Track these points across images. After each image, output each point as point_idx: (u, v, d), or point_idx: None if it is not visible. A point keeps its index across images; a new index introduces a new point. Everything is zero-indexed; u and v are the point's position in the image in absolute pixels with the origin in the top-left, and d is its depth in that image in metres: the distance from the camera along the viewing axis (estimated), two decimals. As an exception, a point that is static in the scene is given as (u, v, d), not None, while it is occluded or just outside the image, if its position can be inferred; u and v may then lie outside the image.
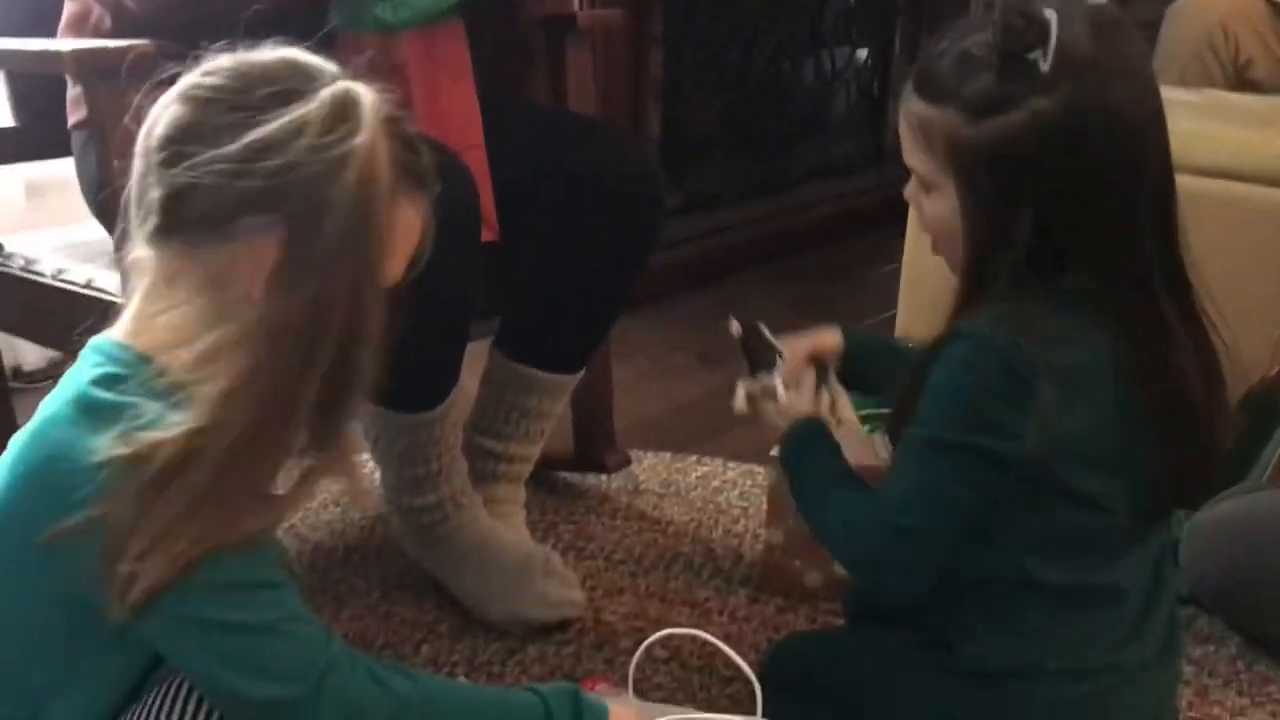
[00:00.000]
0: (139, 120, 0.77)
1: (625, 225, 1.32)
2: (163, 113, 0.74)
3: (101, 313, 0.80)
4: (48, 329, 1.33)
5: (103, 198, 1.14)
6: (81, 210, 1.37)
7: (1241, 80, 2.35)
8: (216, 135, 0.71)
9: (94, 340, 0.78)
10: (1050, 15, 0.85)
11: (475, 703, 0.85)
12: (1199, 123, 1.73)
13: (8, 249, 1.36)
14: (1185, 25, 2.35)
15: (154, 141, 0.74)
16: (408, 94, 1.23)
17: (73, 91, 1.29)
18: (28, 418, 0.78)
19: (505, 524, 1.37)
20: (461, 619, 1.30)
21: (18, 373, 1.87)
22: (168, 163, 0.72)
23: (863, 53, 3.13)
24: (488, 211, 1.25)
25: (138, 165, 0.75)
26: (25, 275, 1.30)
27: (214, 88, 0.73)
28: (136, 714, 0.78)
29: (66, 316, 1.25)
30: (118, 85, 1.05)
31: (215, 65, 0.74)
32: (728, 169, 2.75)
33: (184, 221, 0.72)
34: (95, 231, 1.35)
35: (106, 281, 1.21)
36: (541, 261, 1.32)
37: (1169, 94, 1.93)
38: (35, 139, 1.44)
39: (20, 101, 1.46)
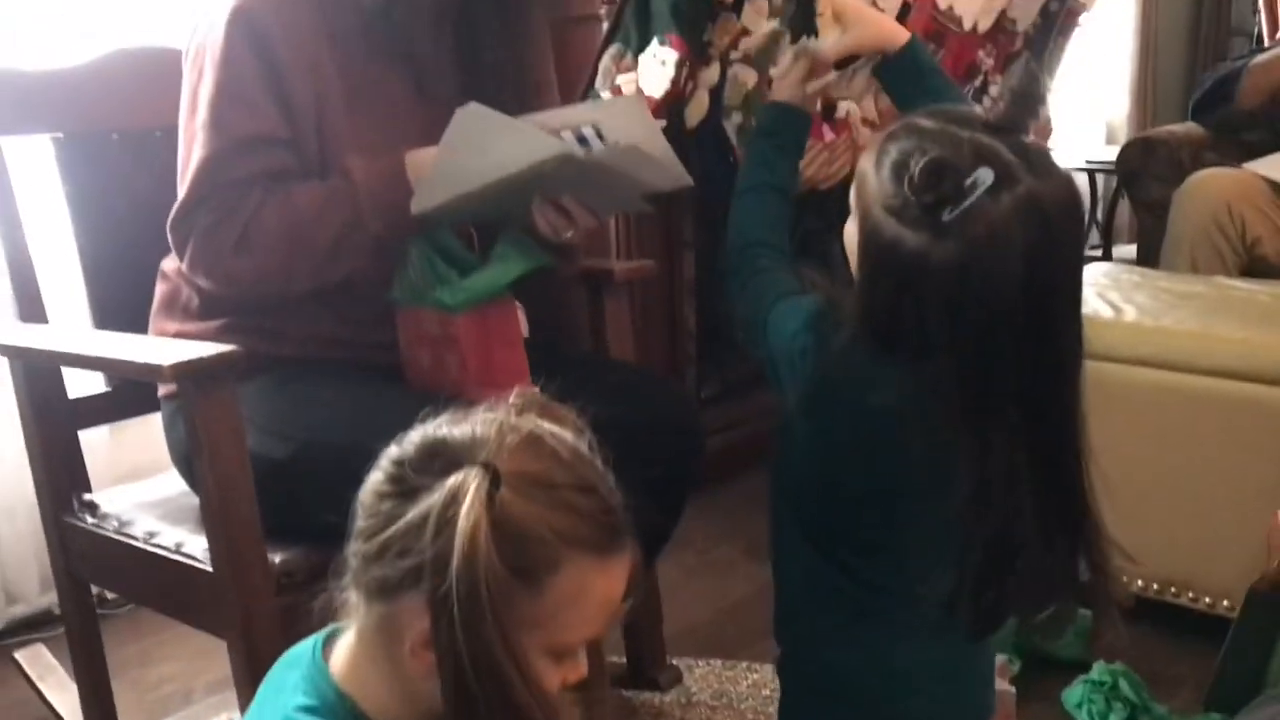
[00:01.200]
0: None
1: (667, 468, 1.42)
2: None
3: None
4: (141, 589, 1.44)
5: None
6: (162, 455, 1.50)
7: (1251, 257, 2.46)
8: (376, 520, 0.80)
9: (302, 656, 0.88)
10: (983, 178, 0.91)
11: None
12: (1205, 322, 1.83)
13: (102, 508, 1.49)
14: (1193, 208, 2.47)
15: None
16: (462, 362, 1.35)
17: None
18: (115, 643, 0.87)
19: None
20: None
21: (102, 600, 1.99)
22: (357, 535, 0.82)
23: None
24: (538, 461, 1.36)
25: None
26: (119, 538, 1.42)
27: (380, 478, 0.82)
28: None
29: (157, 577, 1.38)
30: (212, 389, 1.19)
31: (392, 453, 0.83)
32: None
33: (367, 584, 0.81)
34: (179, 484, 1.48)
35: (195, 547, 1.33)
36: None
37: (1179, 283, 2.07)
38: (125, 402, 1.58)
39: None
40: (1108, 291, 1.99)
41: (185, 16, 1.60)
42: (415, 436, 0.83)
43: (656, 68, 2.16)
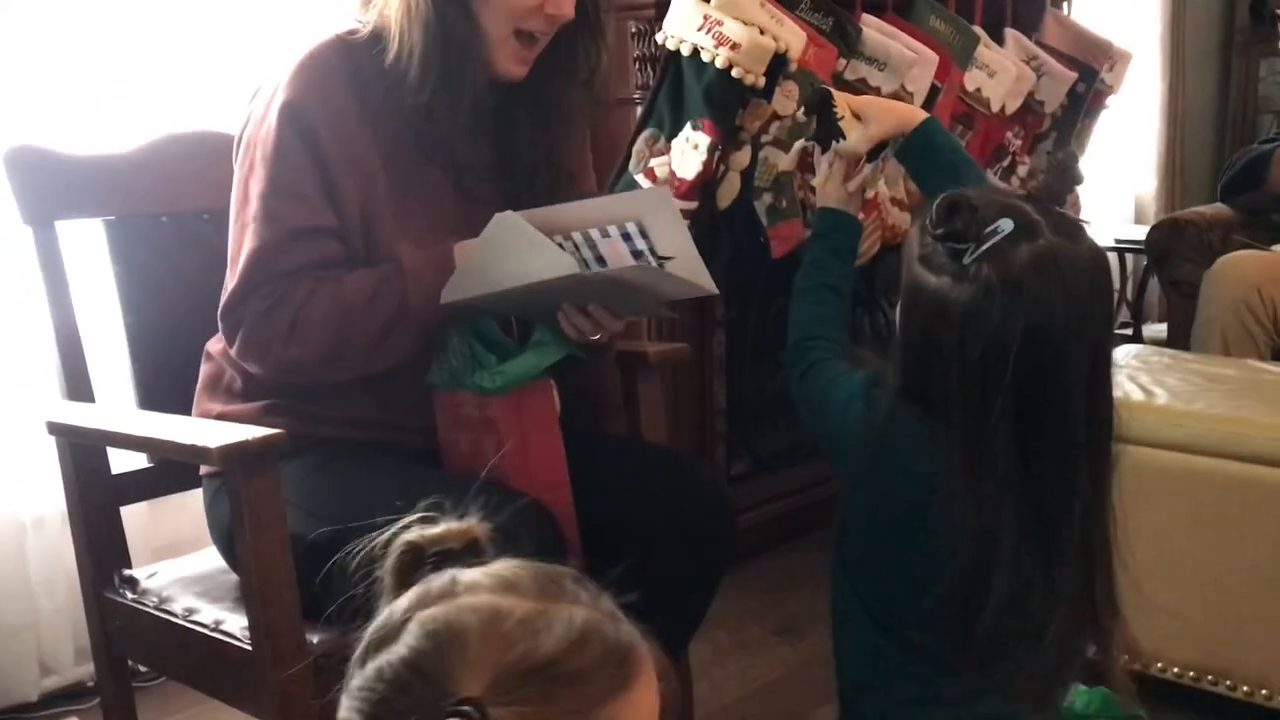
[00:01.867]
0: None
1: (700, 549, 1.43)
2: None
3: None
4: (179, 665, 1.45)
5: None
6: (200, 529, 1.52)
7: (1282, 337, 2.46)
8: None
9: None
10: (1004, 225, 0.97)
11: None
12: (1236, 406, 1.83)
13: (142, 584, 1.51)
14: (1223, 290, 2.48)
15: None
16: (499, 444, 1.37)
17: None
18: (148, 717, 0.82)
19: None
20: None
21: (136, 672, 2.00)
22: None
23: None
24: (573, 542, 1.38)
25: None
26: (158, 614, 1.44)
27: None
28: None
29: (195, 653, 1.39)
30: (256, 471, 1.21)
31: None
32: (793, 429, 2.87)
33: None
34: (217, 560, 1.50)
35: (233, 625, 1.34)
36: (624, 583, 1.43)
37: (1210, 366, 2.07)
38: (167, 478, 1.61)
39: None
40: (1139, 374, 2.00)
41: (234, 103, 1.65)
42: (376, 670, 0.71)
43: (689, 151, 2.21)
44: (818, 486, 2.83)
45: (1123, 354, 2.19)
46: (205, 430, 1.28)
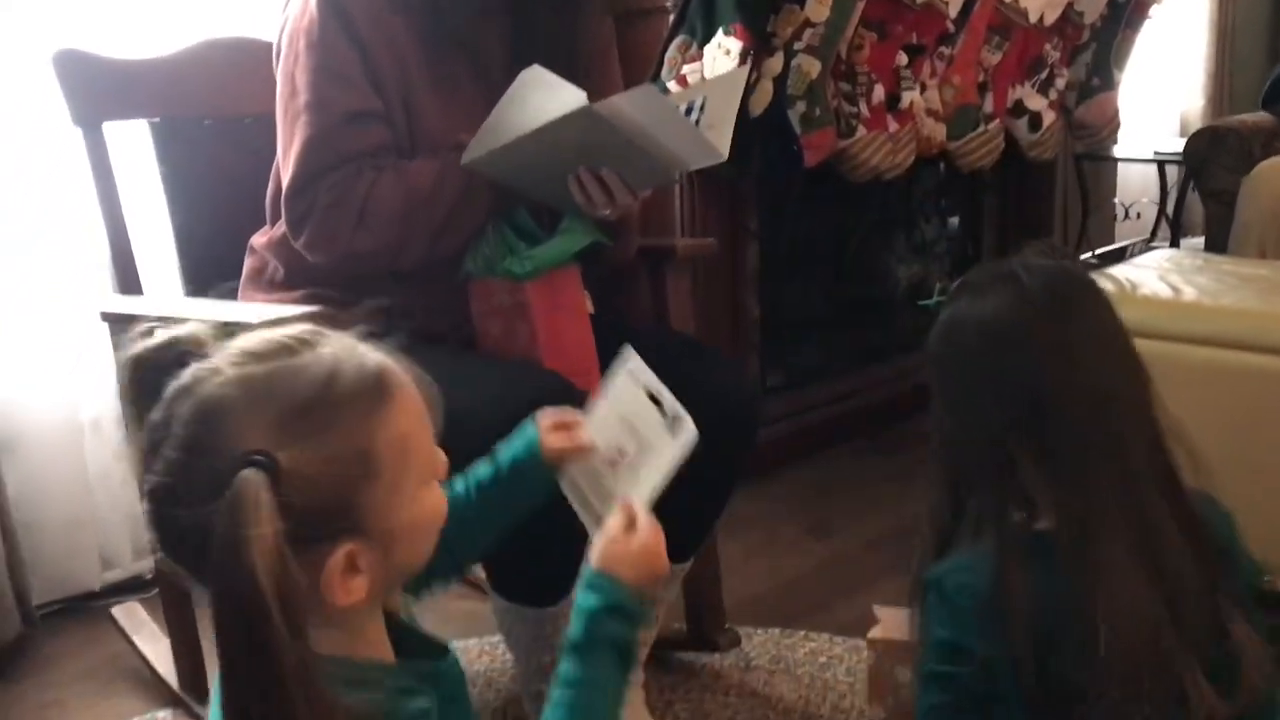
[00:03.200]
0: None
1: (724, 436, 1.46)
2: None
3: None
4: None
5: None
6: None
7: (1321, 240, 2.45)
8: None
9: None
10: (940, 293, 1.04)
11: (568, 696, 0.88)
12: (1267, 302, 1.84)
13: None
14: (1260, 194, 2.46)
15: None
16: (532, 330, 1.42)
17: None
18: (204, 600, 0.85)
19: (625, 708, 1.49)
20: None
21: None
22: None
23: (954, 221, 3.28)
24: (603, 425, 1.42)
25: None
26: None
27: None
28: None
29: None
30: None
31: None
32: (826, 344, 2.90)
33: None
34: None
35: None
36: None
37: (1243, 267, 2.08)
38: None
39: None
40: (1169, 274, 2.00)
41: (271, 7, 1.69)
42: (161, 470, 0.76)
43: (721, 57, 2.22)
44: (849, 399, 2.87)
45: (1155, 257, 2.20)
46: (249, 309, 1.33)
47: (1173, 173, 3.81)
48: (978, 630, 0.97)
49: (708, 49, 2.23)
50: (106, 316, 1.49)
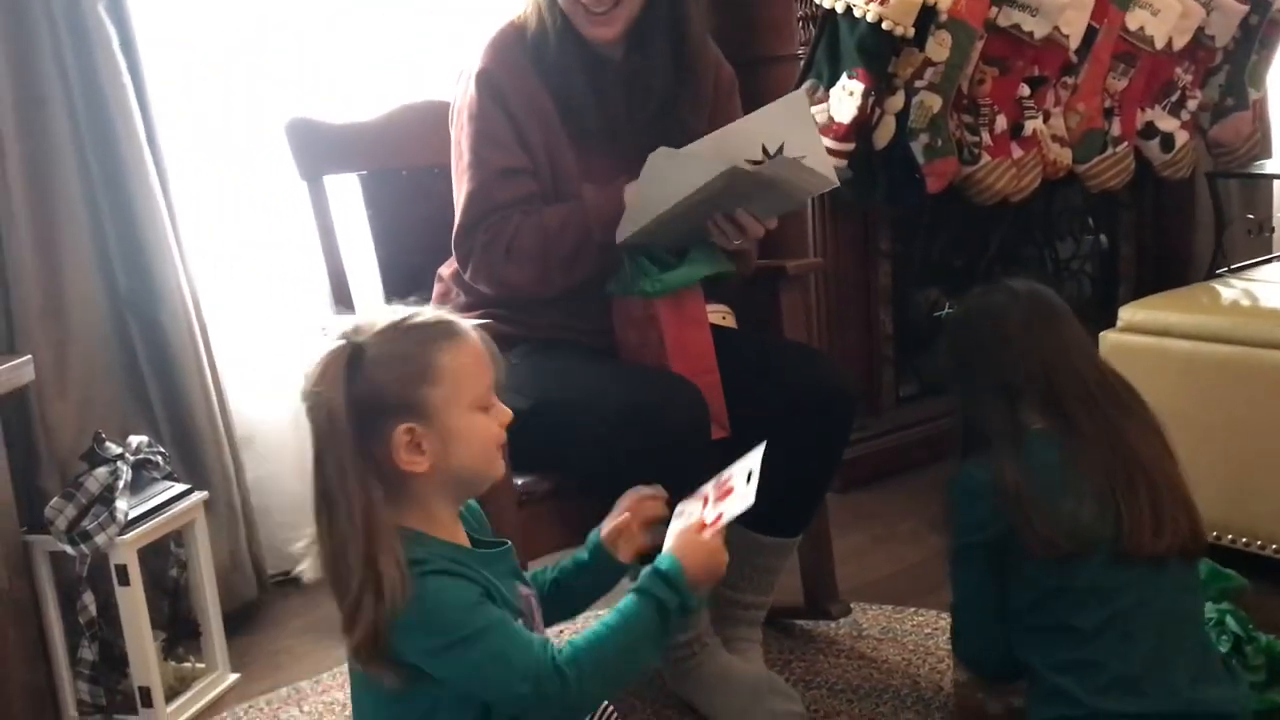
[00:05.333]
0: None
1: (825, 424, 1.73)
2: None
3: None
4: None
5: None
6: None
7: None
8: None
9: None
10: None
11: (604, 627, 1.17)
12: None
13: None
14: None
15: None
16: (660, 338, 1.72)
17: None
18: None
19: (744, 658, 1.77)
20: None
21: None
22: None
23: (1089, 240, 3.40)
24: (720, 416, 1.70)
25: None
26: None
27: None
28: None
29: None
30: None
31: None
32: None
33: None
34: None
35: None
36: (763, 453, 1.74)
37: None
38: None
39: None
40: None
41: (444, 76, 2.04)
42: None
43: (845, 98, 2.47)
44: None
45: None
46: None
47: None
48: (987, 508, 1.40)
49: (834, 91, 2.49)
50: (325, 331, 1.86)
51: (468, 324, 1.21)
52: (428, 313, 1.20)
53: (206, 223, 2.33)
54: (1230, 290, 2.38)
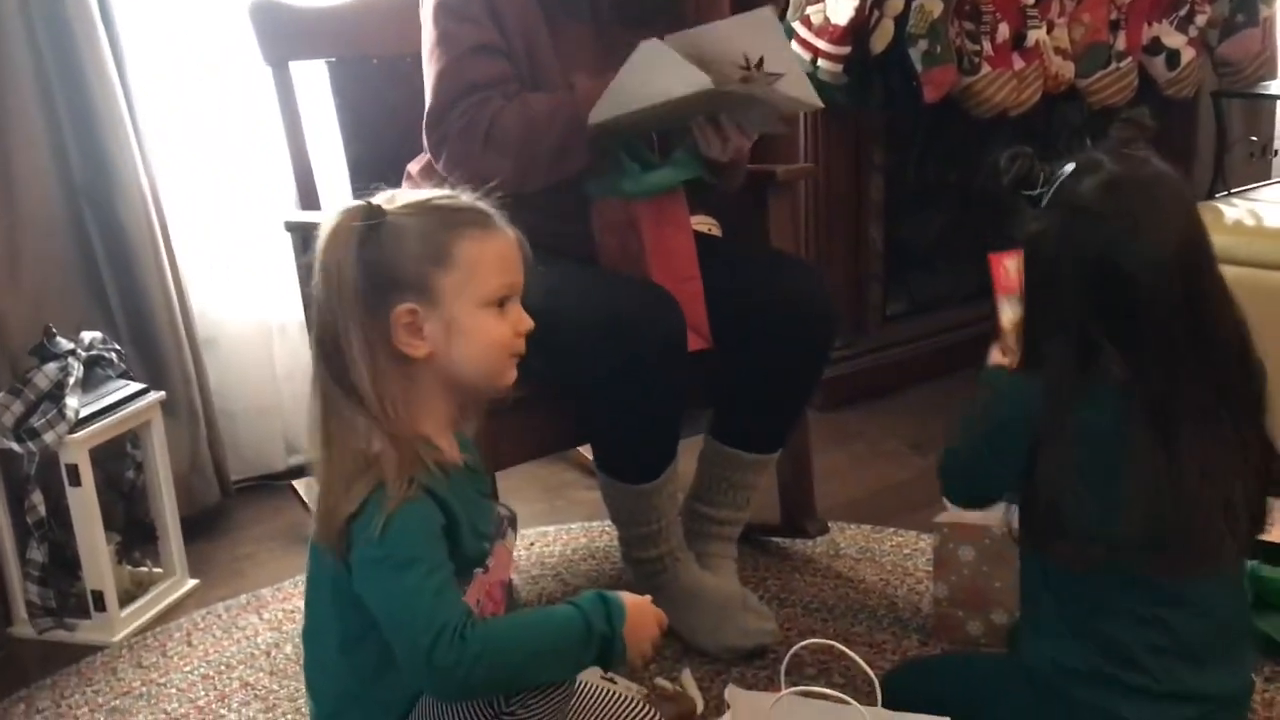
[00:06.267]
0: None
1: (805, 339, 1.66)
2: None
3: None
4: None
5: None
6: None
7: None
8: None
9: None
10: (1065, 169, 1.16)
11: (526, 621, 1.14)
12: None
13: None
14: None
15: None
16: (641, 242, 1.63)
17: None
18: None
19: (717, 575, 1.71)
20: (681, 648, 1.65)
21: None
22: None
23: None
24: (701, 326, 1.63)
25: None
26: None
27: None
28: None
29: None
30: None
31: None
32: (949, 276, 3.00)
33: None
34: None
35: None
36: (743, 365, 1.67)
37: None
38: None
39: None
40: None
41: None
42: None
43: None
44: (965, 328, 2.97)
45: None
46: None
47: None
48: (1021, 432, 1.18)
49: (831, -9, 2.38)
50: (290, 226, 1.77)
51: (504, 222, 1.15)
52: (465, 199, 1.16)
53: (166, 109, 2.22)
54: (1233, 210, 2.31)
